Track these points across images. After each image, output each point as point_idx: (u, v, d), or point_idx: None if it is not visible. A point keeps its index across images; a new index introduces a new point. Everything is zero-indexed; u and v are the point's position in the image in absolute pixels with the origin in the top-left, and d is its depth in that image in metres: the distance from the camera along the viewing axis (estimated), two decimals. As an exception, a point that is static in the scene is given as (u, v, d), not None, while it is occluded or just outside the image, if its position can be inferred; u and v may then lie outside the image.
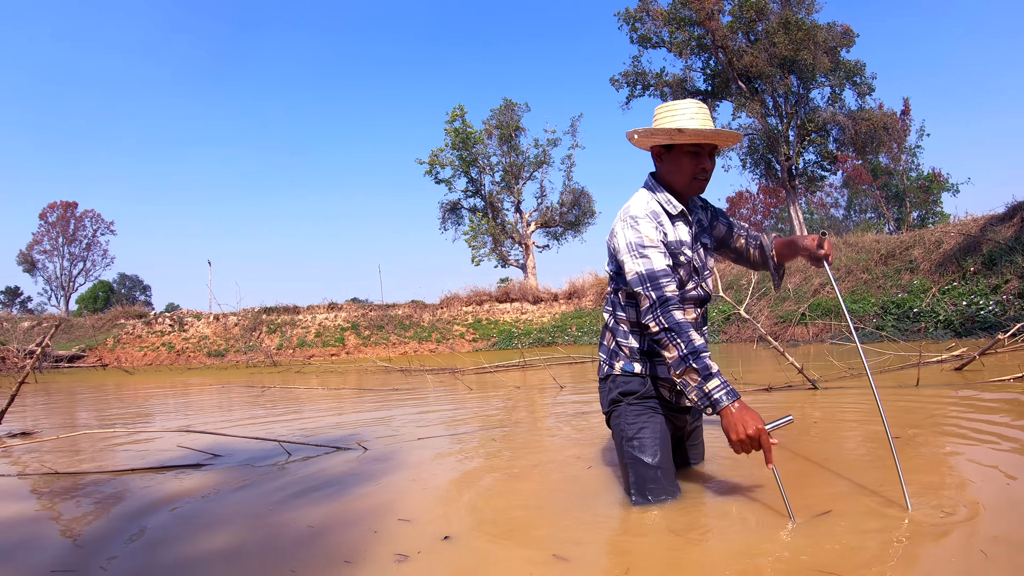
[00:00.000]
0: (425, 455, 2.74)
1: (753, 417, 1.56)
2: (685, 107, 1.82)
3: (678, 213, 1.87)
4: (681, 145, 1.83)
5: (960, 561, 1.25)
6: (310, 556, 1.51)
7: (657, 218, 1.83)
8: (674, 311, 1.69)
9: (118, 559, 1.56)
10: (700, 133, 1.78)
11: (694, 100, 1.84)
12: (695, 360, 1.63)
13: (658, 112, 1.87)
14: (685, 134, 1.78)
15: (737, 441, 1.56)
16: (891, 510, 1.56)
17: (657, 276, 1.72)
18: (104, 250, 41.79)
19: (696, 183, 1.86)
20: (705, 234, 1.99)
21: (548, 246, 27.13)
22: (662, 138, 1.84)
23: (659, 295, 1.70)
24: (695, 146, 1.82)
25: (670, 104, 1.86)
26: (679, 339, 1.65)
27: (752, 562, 1.33)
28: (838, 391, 4.06)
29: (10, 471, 2.76)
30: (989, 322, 8.59)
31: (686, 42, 21.29)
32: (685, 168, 1.84)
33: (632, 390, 1.88)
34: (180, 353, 18.63)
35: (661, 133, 1.82)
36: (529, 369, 8.48)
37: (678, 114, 1.81)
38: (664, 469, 1.77)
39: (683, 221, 1.89)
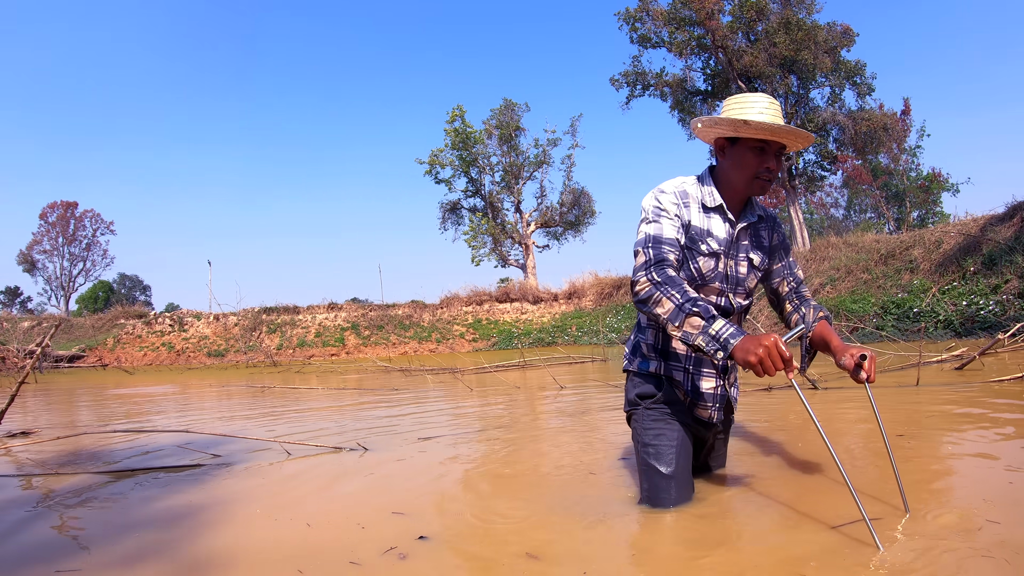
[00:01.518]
0: (424, 455, 2.74)
1: (764, 335, 1.44)
2: (756, 100, 1.72)
3: (716, 206, 1.77)
4: (746, 140, 1.71)
5: (963, 565, 1.24)
6: (312, 555, 1.51)
7: (684, 198, 1.76)
8: (669, 270, 1.61)
9: (121, 559, 1.56)
10: (767, 127, 1.66)
11: (766, 95, 1.73)
12: (694, 305, 1.51)
13: (727, 103, 1.77)
14: (750, 126, 1.67)
15: (756, 361, 1.41)
16: (888, 513, 1.55)
17: (662, 240, 1.66)
18: (104, 250, 41.79)
19: (759, 183, 1.74)
20: (758, 251, 1.86)
21: (548, 246, 27.16)
22: (726, 129, 1.72)
23: (656, 253, 1.64)
24: (761, 142, 1.71)
25: (740, 96, 1.76)
26: (674, 291, 1.55)
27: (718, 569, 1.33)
28: (838, 391, 4.06)
29: (10, 471, 2.76)
30: (989, 322, 8.59)
31: (686, 42, 21.28)
32: (748, 164, 1.72)
33: (649, 392, 1.83)
34: (180, 353, 18.63)
35: (725, 123, 1.70)
36: (529, 369, 8.48)
37: (747, 106, 1.71)
38: (678, 479, 1.71)
39: (721, 216, 1.79)
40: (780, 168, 1.77)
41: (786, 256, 1.93)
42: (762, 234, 1.88)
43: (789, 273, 1.93)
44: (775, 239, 1.91)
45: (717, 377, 1.82)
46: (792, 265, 1.93)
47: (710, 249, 1.75)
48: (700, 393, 1.81)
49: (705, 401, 1.82)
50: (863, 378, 1.60)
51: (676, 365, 1.81)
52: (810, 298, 1.91)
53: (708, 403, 1.82)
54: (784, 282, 1.92)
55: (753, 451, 2.42)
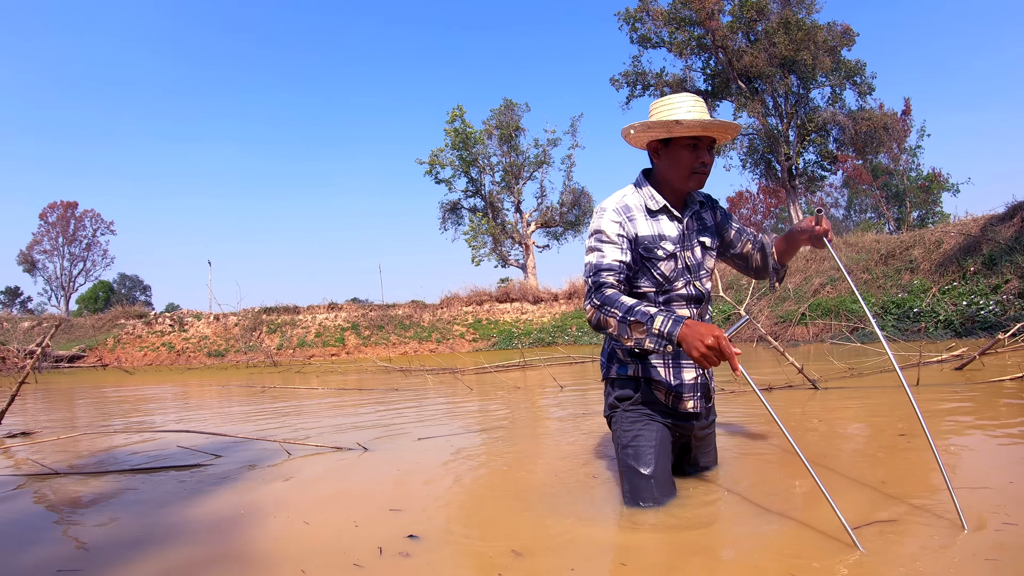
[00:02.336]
0: (424, 455, 2.74)
1: (708, 328, 1.51)
2: (681, 100, 1.80)
3: (660, 208, 1.84)
4: (679, 138, 1.80)
5: (964, 570, 1.23)
6: (313, 553, 1.51)
7: (627, 212, 1.82)
8: (607, 290, 1.70)
9: (122, 558, 1.56)
10: (699, 123, 1.75)
11: (689, 93, 1.81)
12: (632, 314, 1.62)
13: (653, 107, 1.85)
14: (683, 125, 1.75)
15: (699, 356, 1.50)
16: (890, 513, 1.55)
17: (602, 268, 1.75)
18: (104, 250, 41.81)
19: (696, 177, 1.82)
20: (706, 233, 1.95)
21: (548, 246, 27.16)
22: (659, 131, 1.80)
23: (595, 280, 1.74)
24: (693, 139, 1.79)
25: (666, 98, 1.83)
26: (613, 308, 1.65)
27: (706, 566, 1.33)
28: (838, 391, 4.06)
29: (10, 471, 2.76)
30: (989, 322, 8.59)
31: (686, 42, 21.29)
32: (684, 161, 1.80)
33: (627, 395, 1.86)
34: (180, 353, 18.63)
35: (658, 126, 1.78)
36: (529, 369, 8.48)
37: (675, 107, 1.79)
38: (658, 479, 1.73)
39: (667, 216, 1.86)
40: (713, 160, 1.86)
41: (735, 223, 2.06)
42: (704, 216, 1.98)
43: (746, 234, 2.06)
44: (717, 216, 2.03)
45: (696, 367, 1.86)
46: (742, 228, 2.06)
47: (666, 252, 1.83)
48: (682, 384, 1.85)
49: (686, 392, 1.86)
50: (819, 231, 1.81)
51: (656, 363, 1.85)
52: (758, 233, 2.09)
53: (689, 393, 1.86)
54: (746, 243, 2.05)
55: (747, 449, 2.42)
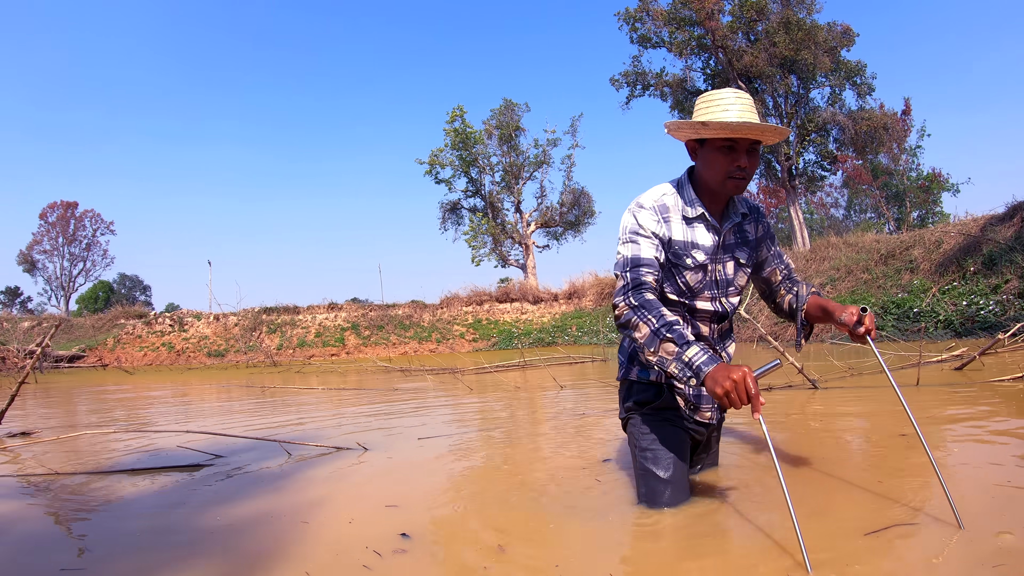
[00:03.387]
0: (424, 455, 2.74)
1: (736, 367, 1.44)
2: (721, 97, 1.67)
3: (697, 216, 1.74)
4: (713, 140, 1.68)
5: (964, 573, 1.23)
6: (314, 553, 1.51)
7: (664, 212, 1.73)
8: (647, 293, 1.62)
9: (123, 558, 1.56)
10: (727, 126, 1.61)
11: (734, 89, 1.68)
12: (668, 331, 1.52)
13: (697, 104, 1.74)
14: (709, 127, 1.63)
15: (723, 393, 1.42)
16: (886, 516, 1.55)
17: (640, 262, 1.66)
18: (104, 250, 41.84)
19: (731, 182, 1.69)
20: (744, 249, 1.83)
21: (548, 246, 27.18)
22: (688, 132, 1.70)
23: (634, 277, 1.65)
24: (729, 140, 1.66)
25: (709, 94, 1.71)
26: (650, 315, 1.56)
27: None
28: (838, 391, 4.06)
29: (10, 471, 2.76)
30: (989, 322, 8.59)
31: (686, 42, 21.29)
32: (718, 165, 1.68)
33: (647, 400, 1.84)
34: (180, 353, 18.63)
35: (687, 127, 1.69)
36: (529, 369, 8.48)
37: (712, 104, 1.67)
38: (675, 483, 1.71)
39: (704, 225, 1.76)
40: (756, 164, 1.71)
41: (773, 245, 1.92)
42: (747, 229, 1.86)
43: (779, 262, 1.92)
44: (759, 231, 1.89)
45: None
46: (780, 253, 1.93)
47: (696, 262, 1.74)
48: (701, 396, 1.82)
49: (704, 403, 1.83)
50: (861, 332, 1.61)
51: None
52: (800, 280, 1.94)
53: (708, 405, 1.84)
54: (776, 271, 1.92)
55: (751, 452, 2.42)
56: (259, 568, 1.47)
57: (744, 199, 1.86)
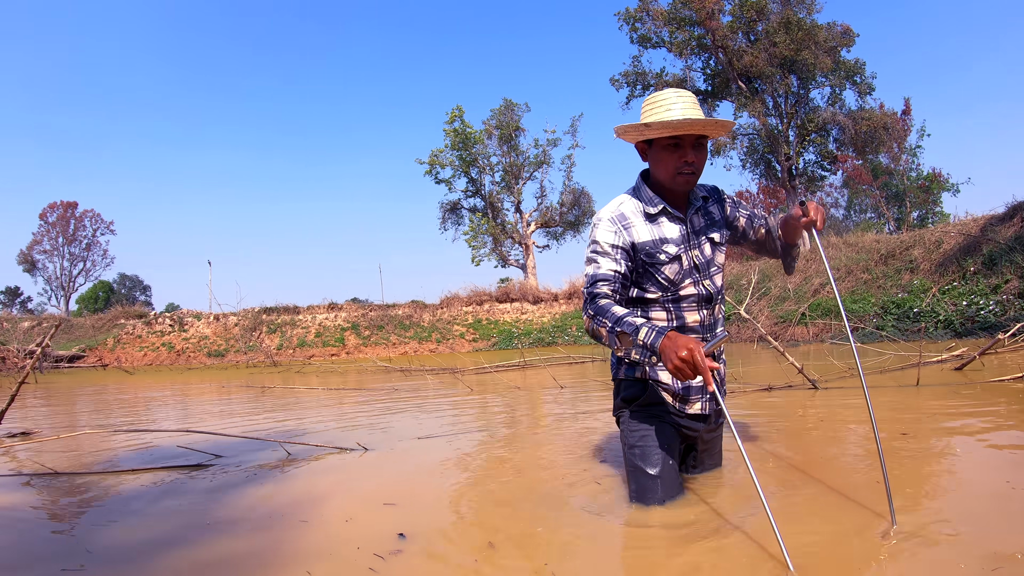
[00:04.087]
0: (424, 455, 2.74)
1: (686, 340, 1.49)
2: (663, 98, 1.74)
3: (659, 211, 1.80)
4: (659, 139, 1.75)
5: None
6: (314, 553, 1.51)
7: (623, 220, 1.79)
8: (600, 300, 1.70)
9: (123, 558, 1.56)
10: (668, 124, 1.67)
11: (675, 89, 1.75)
12: (620, 324, 1.61)
13: (642, 106, 1.81)
14: (652, 128, 1.70)
15: (673, 369, 1.49)
16: (881, 519, 1.55)
17: (597, 278, 1.74)
18: (104, 250, 41.81)
19: (681, 178, 1.76)
20: (715, 228, 1.90)
21: (548, 246, 27.17)
22: (634, 134, 1.77)
23: (589, 292, 1.73)
24: (674, 138, 1.73)
25: (652, 96, 1.78)
26: (604, 318, 1.65)
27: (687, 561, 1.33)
28: (838, 391, 4.06)
29: (10, 471, 2.77)
30: (989, 322, 8.59)
31: (686, 42, 21.29)
32: (666, 163, 1.76)
33: (634, 396, 1.86)
34: (180, 353, 18.63)
35: (631, 131, 1.75)
36: (529, 369, 8.48)
37: (655, 107, 1.74)
38: (664, 479, 1.73)
39: (668, 217, 1.82)
40: (704, 158, 1.78)
41: (742, 210, 1.99)
42: (711, 210, 1.92)
43: (757, 219, 2.00)
44: (727, 208, 1.97)
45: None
46: (753, 213, 2.01)
47: (669, 255, 1.78)
48: (689, 387, 1.83)
49: (692, 395, 1.84)
50: (805, 223, 1.73)
51: (660, 366, 1.82)
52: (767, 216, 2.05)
53: (697, 396, 1.85)
54: (759, 229, 1.99)
55: (751, 450, 2.42)
56: (259, 567, 1.47)
57: (701, 184, 1.92)
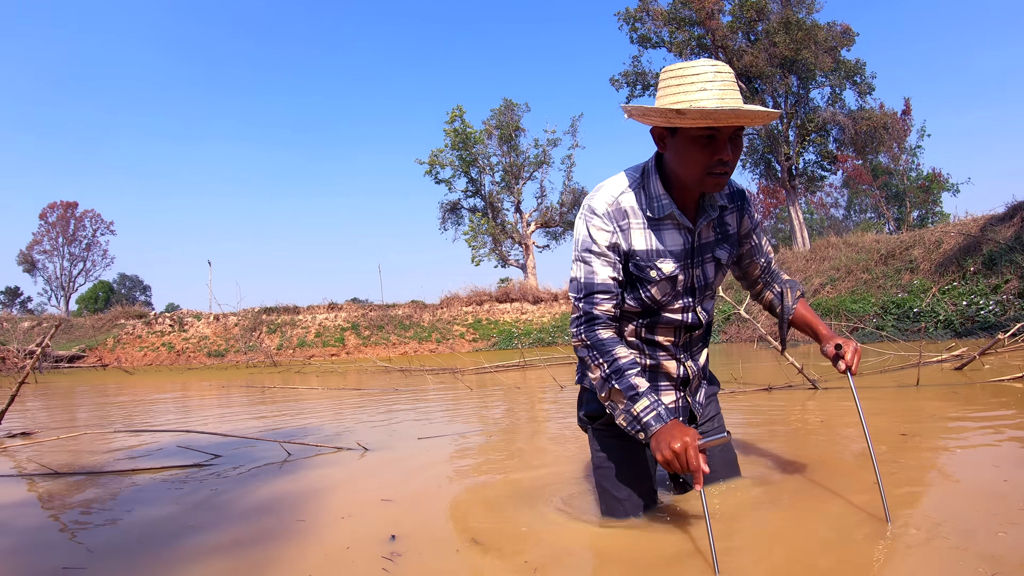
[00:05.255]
0: (424, 455, 2.74)
1: (682, 432, 1.33)
2: (696, 73, 1.33)
3: (664, 216, 1.48)
4: (688, 128, 1.36)
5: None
6: (312, 551, 1.51)
7: (621, 218, 1.47)
8: (599, 330, 1.48)
9: (123, 557, 1.56)
10: (709, 114, 1.29)
11: (711, 61, 1.35)
12: (618, 380, 1.42)
13: (663, 79, 1.40)
14: (686, 116, 1.31)
15: (662, 460, 1.34)
16: (877, 520, 1.54)
17: (594, 289, 1.47)
18: (104, 250, 41.85)
19: (711, 179, 1.40)
20: (725, 245, 1.59)
21: (548, 246, 27.21)
22: (658, 120, 1.38)
23: (587, 310, 1.48)
24: (709, 129, 1.35)
25: (680, 67, 1.37)
26: (602, 358, 1.45)
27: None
28: (838, 391, 4.05)
29: (10, 471, 2.76)
30: (989, 322, 8.59)
31: (686, 42, 21.30)
32: (694, 160, 1.39)
33: (596, 413, 1.66)
34: (180, 353, 18.64)
35: (656, 115, 1.35)
36: (529, 369, 8.48)
37: (684, 84, 1.34)
38: (631, 501, 1.60)
39: (674, 224, 1.50)
40: (740, 152, 1.41)
41: (757, 236, 1.69)
42: (727, 221, 1.59)
43: (759, 254, 1.72)
44: (745, 222, 1.64)
45: (676, 390, 1.63)
46: (760, 244, 1.71)
47: (662, 274, 1.49)
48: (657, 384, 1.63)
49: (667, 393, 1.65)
50: (842, 368, 1.52)
51: None
52: (781, 273, 1.77)
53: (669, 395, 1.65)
54: (756, 265, 1.72)
55: (743, 457, 2.42)
56: (258, 567, 1.47)
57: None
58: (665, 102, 1.36)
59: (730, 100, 1.32)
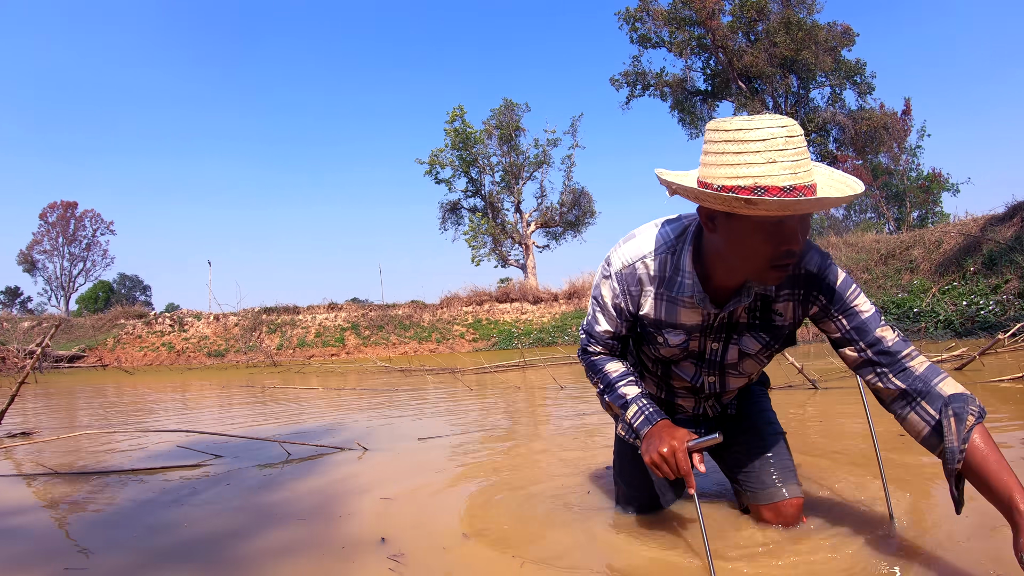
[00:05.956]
0: (423, 455, 2.74)
1: (672, 434, 1.28)
2: (763, 139, 1.01)
3: (685, 298, 1.29)
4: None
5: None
6: (312, 550, 1.51)
7: (631, 285, 1.33)
8: (592, 356, 1.49)
9: (124, 557, 1.57)
10: (787, 206, 1.00)
11: (778, 120, 1.03)
12: (610, 393, 1.44)
13: (714, 139, 1.07)
14: (757, 206, 1.00)
15: (649, 463, 1.30)
16: (880, 520, 1.55)
17: (592, 333, 1.46)
18: (104, 250, 41.91)
19: (774, 272, 1.13)
20: (762, 335, 1.33)
21: (548, 246, 27.20)
22: (718, 207, 1.06)
23: (583, 342, 1.50)
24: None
25: (735, 128, 1.04)
26: (596, 376, 1.48)
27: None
28: (838, 391, 4.06)
29: (11, 472, 2.77)
30: (989, 322, 8.59)
31: (686, 42, 21.32)
32: (755, 251, 1.10)
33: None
34: (180, 353, 18.64)
35: (716, 201, 1.04)
36: (529, 369, 8.48)
37: (747, 154, 1.02)
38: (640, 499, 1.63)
39: (692, 310, 1.31)
40: (808, 232, 1.13)
41: (833, 314, 1.26)
42: (777, 310, 1.30)
43: (856, 336, 1.24)
44: (811, 308, 1.28)
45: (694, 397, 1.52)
46: (852, 326, 1.25)
47: (667, 345, 1.38)
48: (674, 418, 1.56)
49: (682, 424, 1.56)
50: None
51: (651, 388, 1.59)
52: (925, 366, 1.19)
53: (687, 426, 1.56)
54: (850, 347, 1.26)
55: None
56: (258, 566, 1.47)
57: None
58: (721, 175, 1.05)
59: (803, 173, 1.03)
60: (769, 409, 1.61)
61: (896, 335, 1.23)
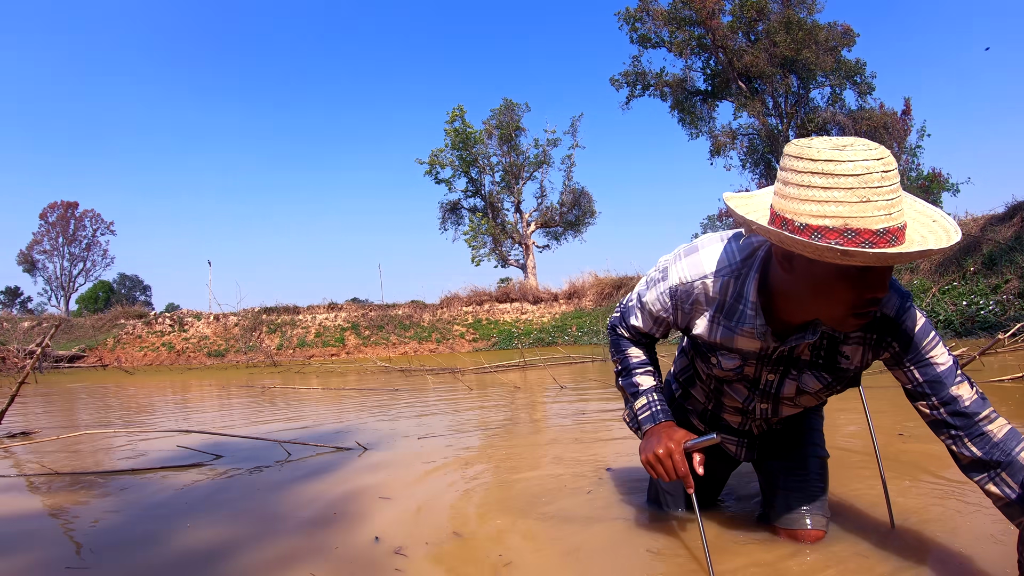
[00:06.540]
0: (423, 455, 2.74)
1: (669, 436, 1.26)
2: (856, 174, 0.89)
3: (745, 328, 1.19)
4: None
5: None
6: (311, 551, 1.51)
7: (685, 302, 1.25)
8: (619, 338, 1.47)
9: (124, 557, 1.57)
10: (886, 258, 0.89)
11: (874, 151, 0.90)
12: (624, 378, 1.44)
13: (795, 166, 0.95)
14: (854, 258, 0.90)
15: (644, 462, 1.29)
16: (880, 523, 1.55)
17: (628, 323, 1.41)
18: (104, 250, 41.92)
19: (854, 320, 1.03)
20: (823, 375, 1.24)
21: (548, 246, 27.21)
22: (803, 250, 0.94)
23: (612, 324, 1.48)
24: None
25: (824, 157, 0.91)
26: (617, 355, 1.47)
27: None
28: (838, 391, 4.05)
29: (11, 472, 2.77)
30: (989, 322, 8.59)
31: (686, 42, 21.31)
32: (837, 298, 1.01)
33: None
34: (180, 353, 18.64)
35: (801, 246, 0.93)
36: (529, 369, 8.48)
37: (836, 190, 0.90)
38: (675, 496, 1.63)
39: (750, 338, 1.21)
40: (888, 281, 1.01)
41: (911, 365, 1.15)
42: (844, 352, 1.20)
43: (926, 387, 1.15)
44: (882, 352, 1.17)
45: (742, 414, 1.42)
46: (925, 379, 1.14)
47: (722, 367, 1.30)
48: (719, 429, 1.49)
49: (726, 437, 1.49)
50: None
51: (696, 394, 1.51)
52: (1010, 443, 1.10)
53: (732, 439, 1.49)
54: (923, 402, 1.16)
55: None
56: (257, 566, 1.47)
57: None
58: (806, 211, 0.92)
59: (897, 213, 0.91)
60: (818, 429, 1.52)
61: (974, 392, 1.13)
